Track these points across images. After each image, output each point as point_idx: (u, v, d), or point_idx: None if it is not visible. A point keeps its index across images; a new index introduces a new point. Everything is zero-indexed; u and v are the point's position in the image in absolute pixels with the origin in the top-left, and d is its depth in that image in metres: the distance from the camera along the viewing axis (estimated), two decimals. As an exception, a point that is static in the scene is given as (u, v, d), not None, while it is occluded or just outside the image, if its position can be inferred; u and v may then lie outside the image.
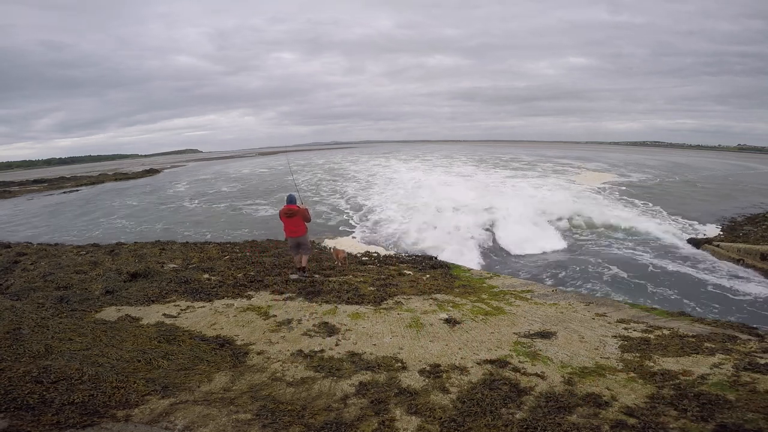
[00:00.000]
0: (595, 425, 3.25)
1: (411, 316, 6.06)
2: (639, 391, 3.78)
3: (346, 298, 6.95)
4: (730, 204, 20.73)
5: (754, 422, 3.15)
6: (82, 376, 3.82)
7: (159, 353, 4.63)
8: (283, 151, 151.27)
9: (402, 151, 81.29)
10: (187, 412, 3.52)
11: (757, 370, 4.01)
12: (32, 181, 47.99)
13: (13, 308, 5.84)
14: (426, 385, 3.99)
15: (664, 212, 18.77)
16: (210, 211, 22.04)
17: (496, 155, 65.11)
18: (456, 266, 9.96)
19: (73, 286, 7.58)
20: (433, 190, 24.51)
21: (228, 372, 4.35)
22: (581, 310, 6.36)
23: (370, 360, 4.59)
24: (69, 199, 31.14)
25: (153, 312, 6.29)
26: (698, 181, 32.78)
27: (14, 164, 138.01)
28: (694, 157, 74.88)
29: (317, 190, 29.33)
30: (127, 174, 54.25)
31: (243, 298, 7.07)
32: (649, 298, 8.96)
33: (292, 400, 3.77)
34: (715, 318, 6.75)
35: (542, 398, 3.68)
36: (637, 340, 4.99)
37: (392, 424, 3.37)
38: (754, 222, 15.86)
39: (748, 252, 11.25)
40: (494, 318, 6.02)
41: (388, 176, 35.67)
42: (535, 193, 22.64)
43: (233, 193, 29.50)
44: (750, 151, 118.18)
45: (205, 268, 8.93)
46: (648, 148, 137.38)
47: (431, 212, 17.47)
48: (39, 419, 3.24)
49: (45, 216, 23.27)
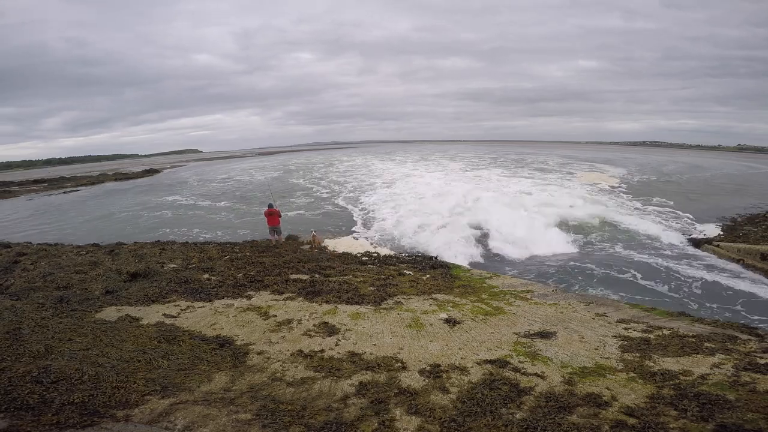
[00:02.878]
0: (595, 425, 3.25)
1: (411, 316, 6.07)
2: (639, 391, 3.78)
3: (346, 298, 6.95)
4: (731, 204, 20.73)
5: (754, 422, 3.15)
6: (82, 376, 3.82)
7: (159, 353, 4.63)
8: (282, 151, 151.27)
9: (397, 152, 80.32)
10: (187, 412, 3.52)
11: (757, 370, 4.02)
12: (32, 181, 47.96)
13: (13, 308, 5.84)
14: (426, 385, 4.00)
15: (665, 212, 18.77)
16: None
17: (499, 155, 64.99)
18: (456, 266, 9.96)
19: (73, 286, 7.58)
20: (433, 189, 24.52)
21: (228, 372, 4.35)
22: (581, 310, 6.36)
23: (370, 360, 4.59)
24: (69, 200, 31.13)
25: (153, 312, 6.29)
26: (698, 180, 32.79)
27: (14, 164, 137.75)
28: (694, 157, 74.86)
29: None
30: (127, 174, 54.26)
31: (243, 298, 7.07)
32: (649, 298, 8.94)
33: (292, 400, 3.77)
34: (715, 318, 6.74)
35: (542, 398, 3.69)
36: (637, 340, 4.99)
37: (392, 424, 3.37)
38: (754, 222, 15.86)
39: (748, 252, 11.25)
40: (494, 318, 6.02)
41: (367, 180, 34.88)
42: (536, 193, 22.61)
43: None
44: (750, 151, 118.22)
45: (205, 268, 8.93)
46: (647, 148, 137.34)
47: (430, 212, 17.46)
48: (39, 419, 3.24)
49: (45, 216, 23.26)
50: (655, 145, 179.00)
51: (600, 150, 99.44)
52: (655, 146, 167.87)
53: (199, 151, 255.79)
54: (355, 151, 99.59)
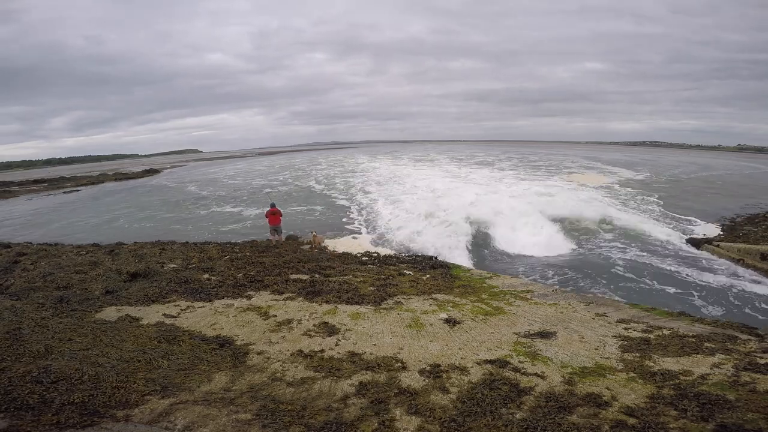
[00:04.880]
0: (595, 425, 3.25)
1: (411, 316, 6.06)
2: (639, 391, 3.78)
3: (346, 298, 6.95)
4: (731, 204, 20.72)
5: (754, 422, 3.15)
6: (82, 376, 3.82)
7: (159, 353, 4.63)
8: (282, 151, 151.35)
9: (399, 152, 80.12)
10: (187, 412, 3.51)
11: (757, 370, 4.02)
12: (32, 181, 47.97)
13: (13, 308, 5.84)
14: (426, 385, 3.99)
15: (664, 212, 18.77)
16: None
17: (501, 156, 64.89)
18: (456, 266, 9.96)
19: (73, 286, 7.58)
20: (434, 188, 24.51)
21: (228, 372, 4.35)
22: (581, 310, 6.36)
23: (370, 360, 4.59)
24: (69, 200, 31.13)
25: (153, 312, 6.29)
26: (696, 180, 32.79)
27: (14, 164, 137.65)
28: (694, 156, 74.81)
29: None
30: (127, 174, 54.25)
31: (243, 298, 7.07)
32: (649, 298, 8.93)
33: (292, 400, 3.77)
34: (715, 318, 6.75)
35: (542, 398, 3.68)
36: (637, 340, 4.99)
37: (392, 424, 3.37)
38: (754, 222, 15.86)
39: (748, 252, 11.25)
40: (494, 318, 6.02)
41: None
42: (537, 193, 22.59)
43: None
44: (749, 151, 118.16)
45: (205, 268, 8.93)
46: (647, 148, 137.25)
47: (431, 212, 17.45)
48: (39, 419, 3.24)
49: (45, 216, 23.26)
50: (654, 145, 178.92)
51: (599, 150, 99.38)
52: (655, 146, 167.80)
53: (198, 151, 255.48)
54: (347, 151, 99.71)
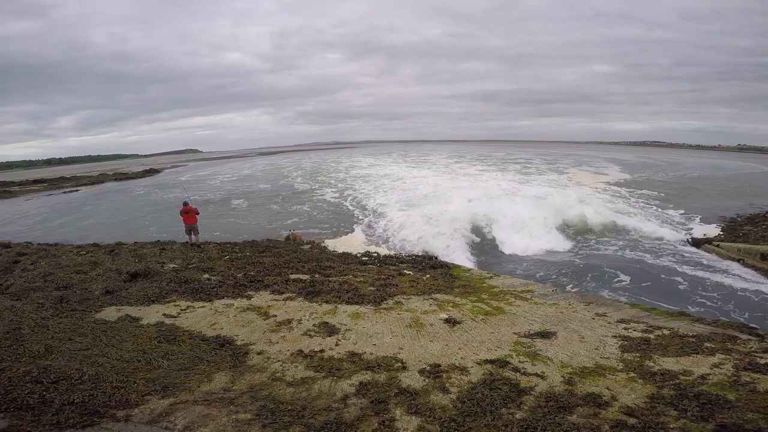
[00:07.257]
0: (595, 425, 3.25)
1: (411, 316, 6.06)
2: (639, 391, 3.78)
3: (346, 298, 6.95)
4: (731, 204, 20.71)
5: (754, 422, 3.15)
6: (82, 376, 3.82)
7: (159, 353, 4.63)
8: (282, 151, 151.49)
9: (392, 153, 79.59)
10: (187, 412, 3.52)
11: (757, 370, 4.02)
12: (32, 181, 47.96)
13: (13, 308, 5.85)
14: (426, 385, 3.99)
15: (665, 212, 18.77)
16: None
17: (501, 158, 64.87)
18: (456, 266, 9.96)
19: (73, 286, 7.58)
20: (436, 188, 24.51)
21: (228, 372, 4.35)
22: (581, 310, 6.36)
23: (370, 360, 4.59)
24: (69, 200, 31.13)
25: (153, 312, 6.29)
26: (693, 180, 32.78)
27: (14, 164, 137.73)
28: (695, 157, 74.81)
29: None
30: (127, 174, 54.25)
31: (243, 298, 7.07)
32: (649, 298, 8.94)
33: (292, 400, 3.77)
34: (715, 318, 6.74)
35: (542, 398, 3.68)
36: (637, 340, 4.99)
37: (392, 424, 3.37)
38: (754, 222, 15.86)
39: (748, 252, 11.25)
40: (494, 318, 6.02)
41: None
42: (538, 193, 22.59)
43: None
44: (750, 151, 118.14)
45: (205, 268, 8.93)
46: (647, 148, 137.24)
47: (431, 212, 17.45)
48: (39, 419, 3.24)
49: (45, 216, 23.26)
50: (655, 145, 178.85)
51: (600, 150, 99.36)
52: (656, 146, 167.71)
53: (198, 152, 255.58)
54: (344, 152, 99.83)
